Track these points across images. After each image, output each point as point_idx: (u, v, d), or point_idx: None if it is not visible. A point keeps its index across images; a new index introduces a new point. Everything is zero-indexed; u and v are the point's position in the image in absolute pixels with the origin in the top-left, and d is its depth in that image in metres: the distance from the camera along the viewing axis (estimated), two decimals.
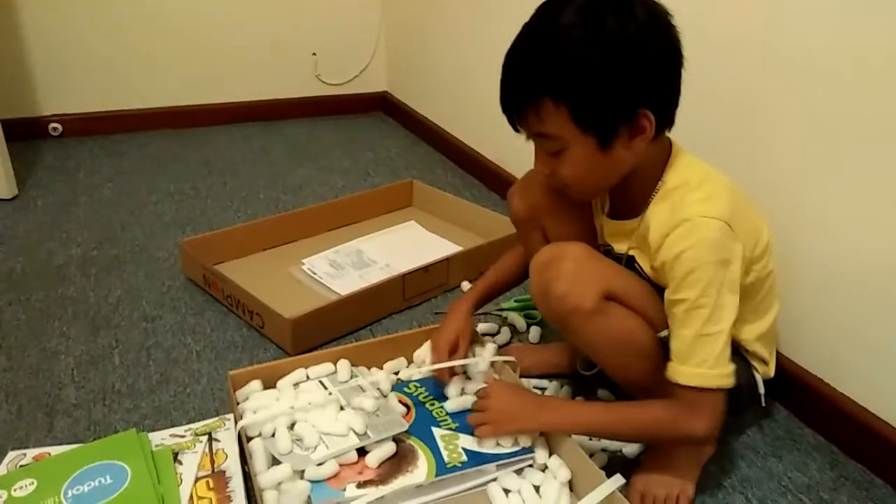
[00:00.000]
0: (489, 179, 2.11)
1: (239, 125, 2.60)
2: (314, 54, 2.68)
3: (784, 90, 1.12)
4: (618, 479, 0.92)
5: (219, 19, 2.50)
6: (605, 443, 1.08)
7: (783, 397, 1.19)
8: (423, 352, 1.18)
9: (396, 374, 1.18)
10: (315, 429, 1.00)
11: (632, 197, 0.96)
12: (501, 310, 1.44)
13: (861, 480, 1.05)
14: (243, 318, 1.39)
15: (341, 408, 1.06)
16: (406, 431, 1.02)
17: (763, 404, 1.07)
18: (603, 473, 0.93)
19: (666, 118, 0.88)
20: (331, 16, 2.64)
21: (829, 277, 1.10)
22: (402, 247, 1.69)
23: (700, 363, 0.87)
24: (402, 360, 1.20)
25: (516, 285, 1.24)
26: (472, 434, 1.01)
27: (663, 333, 0.94)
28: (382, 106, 2.83)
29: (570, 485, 0.97)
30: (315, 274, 1.54)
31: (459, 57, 2.22)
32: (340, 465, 0.96)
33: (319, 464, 0.95)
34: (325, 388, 1.10)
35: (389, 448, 0.99)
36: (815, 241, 1.11)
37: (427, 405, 1.10)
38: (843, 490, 1.03)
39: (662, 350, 0.93)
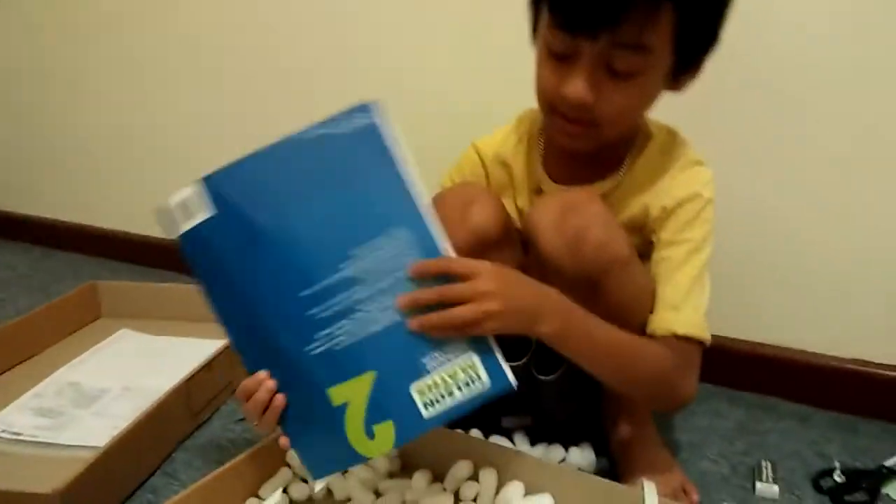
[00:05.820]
0: (156, 257, 1.69)
1: None
2: None
3: None
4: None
5: None
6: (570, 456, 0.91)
7: None
8: None
9: (285, 490, 0.82)
10: None
11: (609, 154, 0.83)
12: None
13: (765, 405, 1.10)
14: None
15: None
16: None
17: None
18: None
19: None
20: None
21: None
22: (131, 361, 1.21)
23: (696, 309, 0.77)
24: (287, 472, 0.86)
25: None
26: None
27: None
28: None
29: None
30: (20, 434, 0.99)
31: (69, 142, 1.81)
32: None
33: None
34: None
35: None
36: None
37: None
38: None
39: None
